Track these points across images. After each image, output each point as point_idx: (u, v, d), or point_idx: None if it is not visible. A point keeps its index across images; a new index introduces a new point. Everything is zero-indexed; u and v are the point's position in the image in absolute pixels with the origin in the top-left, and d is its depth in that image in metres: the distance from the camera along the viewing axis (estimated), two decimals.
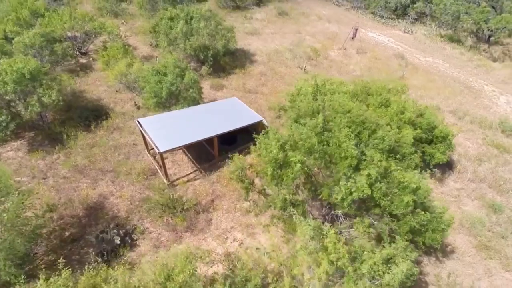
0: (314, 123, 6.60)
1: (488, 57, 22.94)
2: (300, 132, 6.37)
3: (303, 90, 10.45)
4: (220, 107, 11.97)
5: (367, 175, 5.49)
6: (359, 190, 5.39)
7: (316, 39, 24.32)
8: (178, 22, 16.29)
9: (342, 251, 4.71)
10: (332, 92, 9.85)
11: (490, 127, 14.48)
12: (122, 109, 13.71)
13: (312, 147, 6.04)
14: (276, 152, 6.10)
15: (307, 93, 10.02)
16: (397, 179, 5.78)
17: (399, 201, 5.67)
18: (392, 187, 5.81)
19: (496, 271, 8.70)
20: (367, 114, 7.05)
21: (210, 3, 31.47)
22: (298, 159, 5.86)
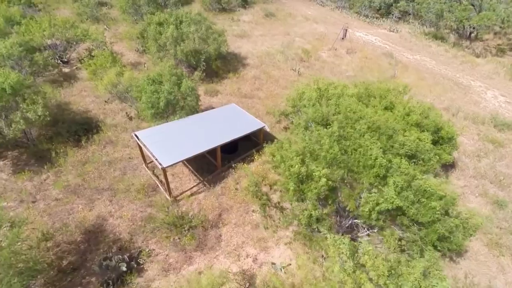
0: (330, 131, 6.31)
1: (471, 53, 23.66)
2: (321, 142, 6.04)
3: (306, 95, 10.16)
4: (219, 115, 11.49)
5: (393, 184, 5.25)
6: (387, 201, 5.15)
7: (305, 40, 24.25)
8: (167, 27, 15.64)
9: (382, 268, 4.43)
10: (337, 96, 9.63)
11: (483, 122, 14.81)
12: (113, 121, 12.93)
13: (335, 157, 5.73)
14: (298, 167, 5.74)
15: (312, 98, 9.74)
16: (423, 187, 5.59)
17: (426, 208, 5.47)
18: (418, 195, 5.61)
19: (510, 268, 8.75)
20: (382, 119, 6.85)
21: (195, 6, 30.91)
22: (323, 173, 5.54)
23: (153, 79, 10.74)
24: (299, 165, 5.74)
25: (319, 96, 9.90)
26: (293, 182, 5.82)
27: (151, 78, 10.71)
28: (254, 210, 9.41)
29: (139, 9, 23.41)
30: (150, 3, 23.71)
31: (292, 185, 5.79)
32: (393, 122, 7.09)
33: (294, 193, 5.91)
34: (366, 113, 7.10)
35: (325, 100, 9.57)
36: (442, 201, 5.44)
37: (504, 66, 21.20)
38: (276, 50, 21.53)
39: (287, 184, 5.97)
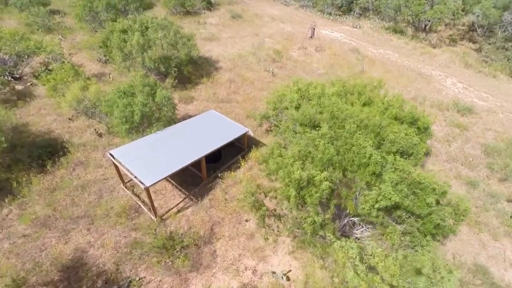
0: (321, 133, 6.19)
1: (428, 44, 25.31)
2: (316, 144, 5.89)
3: (288, 96, 10.03)
4: (199, 123, 10.98)
5: (389, 180, 5.25)
6: (385, 198, 5.13)
7: (275, 40, 24.31)
8: (132, 34, 14.70)
9: (393, 268, 4.37)
10: (318, 96, 9.61)
11: (447, 109, 15.81)
12: (81, 140, 11.85)
13: (331, 158, 5.62)
14: (299, 173, 5.53)
15: (293, 99, 9.62)
16: (417, 180, 5.67)
17: (421, 201, 5.56)
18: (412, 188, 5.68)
19: (489, 243, 9.32)
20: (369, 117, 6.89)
21: (157, 10, 29.68)
22: (324, 176, 5.39)
23: (124, 91, 9.95)
24: (300, 171, 5.54)
25: (300, 97, 9.82)
26: (293, 189, 5.60)
27: (122, 90, 9.91)
28: (247, 219, 9.09)
29: (97, 16, 21.90)
30: (109, 9, 22.27)
31: (293, 192, 5.57)
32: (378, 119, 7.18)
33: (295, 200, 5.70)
34: (353, 111, 7.12)
35: (307, 100, 9.51)
36: (436, 195, 5.56)
37: (457, 55, 22.92)
38: (247, 52, 21.31)
39: (288, 191, 5.74)
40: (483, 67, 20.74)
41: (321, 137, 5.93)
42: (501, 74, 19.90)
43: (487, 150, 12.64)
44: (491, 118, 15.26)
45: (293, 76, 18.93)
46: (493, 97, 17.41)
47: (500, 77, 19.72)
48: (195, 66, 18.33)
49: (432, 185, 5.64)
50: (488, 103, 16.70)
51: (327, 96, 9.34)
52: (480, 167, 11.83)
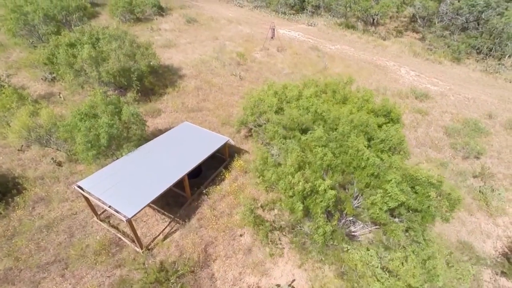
0: (316, 137, 6.05)
1: (379, 37, 27.01)
2: (314, 151, 5.70)
3: (266, 101, 9.79)
4: (175, 138, 10.25)
5: (394, 180, 5.29)
6: (393, 199, 5.16)
7: (235, 43, 23.99)
8: (82, 47, 13.28)
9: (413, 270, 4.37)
10: (296, 99, 9.54)
11: (407, 96, 16.95)
12: (36, 173, 10.35)
13: (330, 163, 5.49)
14: (303, 184, 5.29)
15: (272, 104, 9.41)
16: (414, 176, 5.81)
17: (421, 197, 5.70)
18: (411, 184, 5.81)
19: (466, 219, 10.08)
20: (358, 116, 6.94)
21: (103, 19, 27.51)
22: (328, 184, 5.22)
23: (85, 113, 8.84)
24: (302, 182, 5.30)
25: (278, 101, 9.65)
26: (299, 201, 5.35)
27: (83, 112, 8.80)
28: (241, 234, 8.67)
29: (35, 30, 19.54)
30: (47, 21, 20.03)
31: (300, 205, 5.32)
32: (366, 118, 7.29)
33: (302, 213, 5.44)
34: (341, 112, 7.12)
35: (285, 104, 9.38)
36: (433, 188, 5.75)
37: (405, 45, 24.80)
38: (210, 57, 20.69)
39: (292, 203, 5.47)
40: (429, 55, 22.71)
41: (316, 140, 5.79)
42: (445, 60, 21.96)
43: (448, 132, 13.76)
44: (444, 101, 16.69)
45: (260, 78, 18.85)
46: (442, 82, 19.11)
47: (445, 63, 21.76)
48: (156, 76, 17.28)
49: (429, 179, 5.82)
50: (439, 88, 18.28)
51: (305, 98, 9.30)
52: (445, 148, 12.82)
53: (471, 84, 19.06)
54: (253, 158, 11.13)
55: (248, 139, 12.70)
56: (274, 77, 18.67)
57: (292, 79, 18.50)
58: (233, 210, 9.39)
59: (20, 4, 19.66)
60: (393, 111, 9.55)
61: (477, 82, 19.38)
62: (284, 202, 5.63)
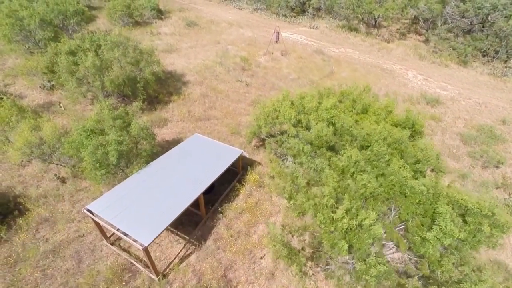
0: (352, 159, 5.55)
1: (382, 39, 26.76)
2: (357, 178, 5.21)
3: (283, 112, 9.29)
4: (186, 152, 9.70)
5: (447, 214, 4.80)
6: (448, 235, 4.67)
7: (238, 47, 23.48)
8: (84, 55, 12.67)
9: None
10: (315, 110, 9.07)
11: (418, 102, 16.61)
12: (39, 190, 9.73)
13: (373, 192, 5.02)
14: (347, 221, 4.76)
15: (291, 116, 8.92)
16: (461, 204, 5.33)
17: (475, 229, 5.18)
18: (459, 212, 5.33)
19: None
20: (391, 133, 6.49)
21: (101, 22, 26.81)
22: (373, 217, 4.74)
23: (91, 130, 8.26)
24: (347, 219, 4.80)
25: (296, 112, 9.17)
26: (343, 239, 4.83)
27: (88, 128, 8.22)
28: (262, 256, 8.16)
29: (31, 35, 18.81)
30: (44, 26, 19.28)
31: (343, 244, 4.80)
32: (398, 134, 6.85)
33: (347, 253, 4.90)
34: (373, 129, 6.63)
35: (305, 116, 8.89)
36: (487, 219, 5.27)
37: (410, 48, 24.55)
38: (213, 62, 20.15)
39: (334, 240, 4.93)
40: (435, 58, 22.45)
41: (354, 165, 5.33)
42: (451, 63, 21.73)
43: (464, 139, 13.42)
44: (456, 106, 16.38)
45: (267, 84, 18.36)
46: (451, 86, 18.83)
47: (451, 66, 21.51)
48: (160, 83, 16.69)
49: (481, 210, 5.34)
50: (449, 92, 17.98)
51: (324, 109, 8.83)
52: (463, 157, 12.46)
53: (480, 88, 18.81)
54: (268, 171, 10.64)
55: (260, 149, 12.20)
56: (281, 83, 18.21)
57: (299, 84, 18.07)
58: (250, 229, 8.88)
59: (15, 8, 18.92)
60: (417, 123, 9.13)
61: (486, 86, 19.14)
62: (325, 238, 5.11)
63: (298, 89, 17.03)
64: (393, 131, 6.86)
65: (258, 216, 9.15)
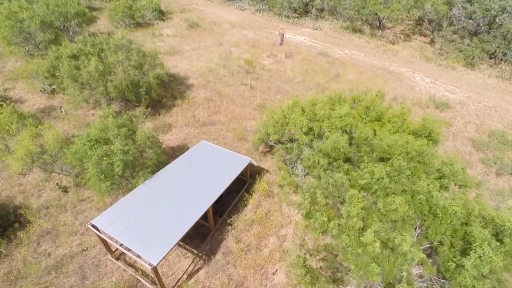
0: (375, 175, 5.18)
1: (387, 41, 26.40)
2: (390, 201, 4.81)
3: (294, 119, 8.93)
4: (193, 161, 9.35)
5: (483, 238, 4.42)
6: (486, 262, 4.32)
7: (241, 49, 23.12)
8: (86, 59, 12.31)
9: None
10: (328, 117, 8.72)
11: (427, 106, 16.26)
12: (40, 200, 9.38)
13: (404, 215, 4.66)
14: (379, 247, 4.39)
15: (303, 124, 8.56)
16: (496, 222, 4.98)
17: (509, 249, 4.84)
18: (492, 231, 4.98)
19: None
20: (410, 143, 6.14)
21: (102, 24, 26.46)
22: (410, 242, 4.37)
23: (95, 139, 7.91)
24: (379, 243, 4.46)
25: (308, 120, 8.82)
26: (373, 262, 4.47)
27: (93, 138, 7.86)
28: (274, 271, 7.81)
29: (31, 38, 18.46)
30: (45, 28, 18.93)
31: (375, 268, 4.45)
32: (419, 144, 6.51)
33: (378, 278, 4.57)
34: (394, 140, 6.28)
35: (317, 124, 8.54)
36: None
37: (416, 50, 24.20)
38: (216, 64, 19.79)
39: (365, 265, 4.57)
40: (441, 60, 22.12)
41: (377, 182, 4.99)
42: (458, 66, 21.39)
43: (476, 145, 13.08)
44: (465, 110, 16.05)
45: (272, 88, 17.99)
46: (459, 89, 18.50)
47: (458, 69, 21.18)
48: (163, 86, 16.33)
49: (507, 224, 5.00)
50: (458, 96, 17.65)
51: (337, 117, 8.48)
52: (476, 163, 12.13)
53: (488, 91, 18.48)
54: (277, 180, 10.29)
55: (267, 155, 11.86)
56: (286, 86, 17.86)
57: (305, 87, 17.71)
58: (261, 242, 8.53)
59: (15, 10, 18.54)
60: (434, 131, 8.79)
61: (495, 89, 18.82)
62: (351, 260, 4.76)
63: (307, 94, 16.70)
64: (414, 143, 6.52)
65: (269, 228, 8.80)
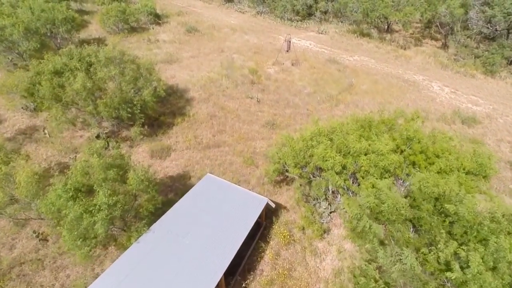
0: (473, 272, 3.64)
1: (397, 46, 24.96)
2: None
3: (323, 156, 7.33)
4: (199, 205, 7.74)
5: None
6: None
7: (244, 56, 21.51)
8: (73, 75, 10.66)
9: None
10: (364, 153, 7.15)
11: (453, 121, 14.77)
12: (13, 253, 7.72)
13: None
14: None
15: (336, 163, 6.95)
16: None
17: None
18: None
19: None
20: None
21: (93, 29, 24.70)
22: None
23: (75, 188, 6.26)
24: None
25: (338, 152, 7.25)
26: None
27: (72, 187, 6.21)
28: None
29: (14, 47, 16.75)
30: (29, 35, 17.24)
31: None
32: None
33: None
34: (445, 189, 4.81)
35: (352, 161, 6.97)
36: None
37: (429, 55, 22.76)
38: (218, 74, 18.17)
39: None
40: (458, 67, 20.70)
41: (474, 278, 3.51)
42: (476, 73, 19.98)
43: None
44: (494, 125, 14.62)
45: (281, 101, 16.34)
46: (483, 100, 17.08)
47: (478, 76, 19.77)
48: (161, 101, 14.67)
49: None
50: (482, 108, 16.22)
51: (379, 155, 6.91)
52: None
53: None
54: (298, 221, 8.71)
55: (282, 185, 10.25)
56: (296, 99, 16.26)
57: (317, 101, 16.11)
58: None
59: None
60: (489, 167, 7.27)
61: None
62: None
63: (320, 109, 15.05)
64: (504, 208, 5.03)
65: None
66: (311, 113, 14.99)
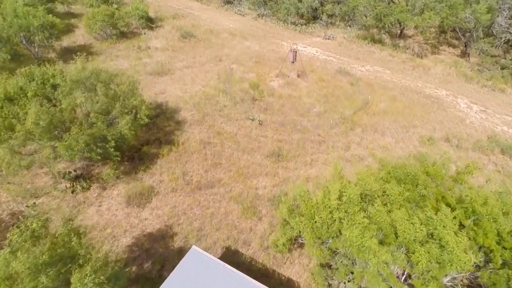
0: None
1: (413, 54, 22.69)
2: None
3: (359, 242, 5.09)
4: None
5: None
6: None
7: (244, 66, 19.24)
8: (27, 103, 8.44)
9: None
10: (421, 240, 4.89)
11: (491, 150, 12.50)
12: None
13: None
14: None
15: (380, 262, 4.72)
16: None
17: None
18: None
19: None
20: None
21: (79, 35, 22.40)
22: None
23: None
24: None
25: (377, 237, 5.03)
26: None
27: None
28: None
29: None
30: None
31: None
32: None
33: None
34: None
35: (399, 251, 4.76)
36: None
37: (449, 66, 20.46)
38: (215, 89, 15.91)
39: None
40: (484, 79, 18.44)
41: None
42: (506, 87, 17.71)
43: None
44: None
45: (286, 123, 14.01)
46: None
47: (508, 91, 17.49)
48: (146, 124, 12.38)
49: None
50: None
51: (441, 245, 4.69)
52: None
53: None
54: None
55: (293, 250, 8.03)
56: (304, 121, 13.99)
57: (329, 124, 13.81)
58: None
59: None
60: None
61: None
62: None
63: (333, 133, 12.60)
64: None
65: None
66: (323, 140, 12.72)
